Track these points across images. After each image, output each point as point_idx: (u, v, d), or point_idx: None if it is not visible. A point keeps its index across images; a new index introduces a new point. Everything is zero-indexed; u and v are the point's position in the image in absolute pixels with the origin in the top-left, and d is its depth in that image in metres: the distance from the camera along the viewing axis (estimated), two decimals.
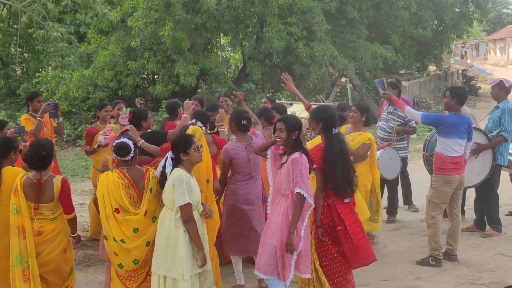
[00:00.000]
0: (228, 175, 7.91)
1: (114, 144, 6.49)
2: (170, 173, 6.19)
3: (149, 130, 8.26)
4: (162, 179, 6.28)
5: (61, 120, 10.20)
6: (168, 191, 6.14)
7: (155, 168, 6.58)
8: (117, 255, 6.32)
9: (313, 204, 6.42)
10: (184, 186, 6.06)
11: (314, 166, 6.64)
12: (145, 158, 7.59)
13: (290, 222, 6.28)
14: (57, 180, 6.51)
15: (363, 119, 8.84)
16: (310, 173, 6.55)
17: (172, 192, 6.09)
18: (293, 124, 6.52)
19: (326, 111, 6.88)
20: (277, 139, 6.53)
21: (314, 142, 8.24)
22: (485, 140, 9.67)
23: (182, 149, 6.27)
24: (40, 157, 6.51)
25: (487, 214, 10.20)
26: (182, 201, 6.02)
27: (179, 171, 6.18)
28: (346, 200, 6.74)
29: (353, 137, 8.73)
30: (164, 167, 6.27)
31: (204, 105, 10.51)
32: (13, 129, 8.77)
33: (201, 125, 7.85)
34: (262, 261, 6.48)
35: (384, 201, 10.27)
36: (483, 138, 9.67)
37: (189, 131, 7.21)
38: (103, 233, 6.47)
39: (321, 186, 6.69)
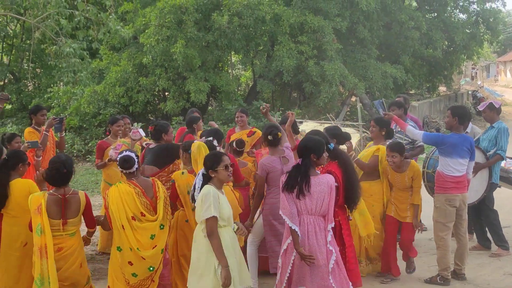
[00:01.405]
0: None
1: (118, 158, 6.61)
2: (200, 189, 6.30)
3: None
4: (193, 195, 6.45)
5: (63, 134, 10.27)
6: (198, 206, 6.25)
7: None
8: (132, 264, 6.42)
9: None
10: (210, 200, 6.14)
11: (336, 184, 6.66)
12: (152, 169, 7.73)
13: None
14: (81, 195, 6.62)
15: (383, 132, 8.89)
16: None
17: (200, 207, 6.20)
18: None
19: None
20: None
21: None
22: (484, 159, 9.71)
23: (210, 166, 6.38)
24: (60, 175, 6.58)
25: (492, 233, 10.23)
26: (207, 214, 6.10)
27: (208, 187, 6.28)
28: (349, 218, 6.84)
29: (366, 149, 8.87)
30: (195, 184, 6.45)
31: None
32: (26, 144, 8.89)
33: (216, 143, 7.95)
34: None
35: None
36: (482, 156, 9.71)
37: (193, 146, 7.34)
38: (116, 244, 6.52)
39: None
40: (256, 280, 7.96)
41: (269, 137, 7.94)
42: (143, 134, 9.51)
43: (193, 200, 6.42)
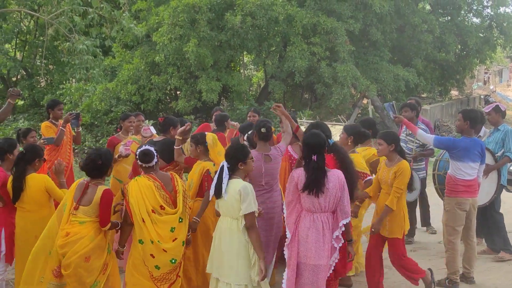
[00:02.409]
0: None
1: (138, 151, 6.63)
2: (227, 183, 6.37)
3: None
4: (218, 189, 6.42)
5: (80, 129, 10.30)
6: (234, 202, 6.32)
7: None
8: (154, 257, 6.46)
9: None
10: (250, 195, 6.29)
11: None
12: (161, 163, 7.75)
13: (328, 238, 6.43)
14: (99, 190, 6.58)
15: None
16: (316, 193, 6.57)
17: (238, 203, 6.27)
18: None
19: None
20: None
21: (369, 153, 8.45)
22: (492, 160, 9.68)
23: (241, 158, 6.51)
24: (95, 166, 6.63)
25: (496, 236, 10.20)
26: (249, 209, 6.26)
27: (241, 182, 6.41)
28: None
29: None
30: (219, 177, 6.45)
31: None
32: (42, 141, 8.97)
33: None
34: (308, 283, 6.43)
35: None
36: (490, 157, 9.68)
37: (209, 139, 7.44)
38: (138, 238, 6.54)
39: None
40: None
41: (262, 130, 7.68)
42: (154, 131, 9.54)
43: (219, 193, 6.41)
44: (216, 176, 6.51)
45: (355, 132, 8.52)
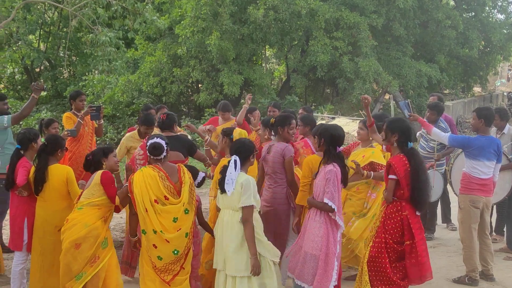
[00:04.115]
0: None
1: (148, 144, 6.68)
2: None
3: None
4: (222, 183, 6.48)
5: (102, 122, 10.35)
6: (236, 194, 6.37)
7: None
8: (156, 247, 6.48)
9: (338, 219, 6.50)
10: (251, 189, 6.36)
11: (393, 176, 6.63)
12: (178, 156, 7.78)
13: (330, 230, 6.46)
14: (98, 173, 6.82)
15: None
16: (344, 186, 6.70)
17: (239, 195, 6.35)
18: (329, 135, 6.67)
19: (402, 123, 6.88)
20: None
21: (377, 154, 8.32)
22: (506, 160, 9.59)
23: (249, 154, 6.66)
24: (87, 162, 7.06)
25: (510, 233, 10.15)
26: (247, 203, 6.31)
27: (244, 175, 6.48)
28: (418, 213, 6.75)
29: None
30: (225, 172, 6.48)
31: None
32: (66, 132, 9.04)
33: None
34: (298, 267, 6.63)
35: None
36: (504, 158, 9.60)
37: (235, 133, 7.48)
38: (141, 228, 6.59)
39: (391, 196, 6.75)
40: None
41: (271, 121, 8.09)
42: None
43: (222, 187, 6.46)
44: (225, 170, 6.53)
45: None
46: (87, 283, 6.63)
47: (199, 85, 26.60)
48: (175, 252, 6.49)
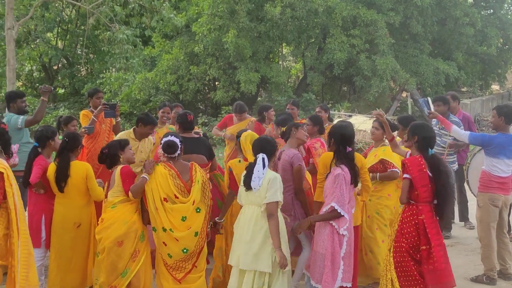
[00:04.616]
0: None
1: (162, 142, 6.71)
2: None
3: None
4: (248, 179, 6.44)
5: (119, 119, 10.36)
6: (262, 190, 6.37)
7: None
8: (165, 245, 6.53)
9: (346, 216, 6.46)
10: (278, 185, 6.37)
11: (407, 176, 6.58)
12: (203, 159, 7.75)
13: (335, 229, 6.49)
14: (118, 168, 6.80)
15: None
16: (355, 185, 6.69)
17: (265, 191, 6.34)
18: (339, 135, 6.66)
19: (426, 130, 6.78)
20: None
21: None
22: None
23: (274, 150, 6.70)
24: (102, 156, 6.97)
25: None
26: (273, 198, 6.31)
27: (272, 172, 6.51)
28: (437, 218, 6.65)
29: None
30: (251, 169, 6.47)
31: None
32: (83, 130, 9.08)
33: None
34: (310, 265, 6.66)
35: None
36: None
37: (242, 136, 7.46)
38: (152, 225, 6.62)
39: (406, 197, 6.64)
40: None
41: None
42: None
43: (247, 184, 6.42)
44: (254, 168, 6.46)
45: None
46: (132, 279, 6.68)
47: (216, 83, 26.64)
48: (184, 250, 6.53)
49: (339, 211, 6.40)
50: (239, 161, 7.46)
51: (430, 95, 25.33)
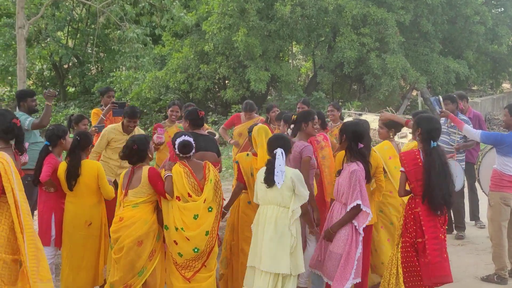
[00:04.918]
0: None
1: (177, 142, 6.68)
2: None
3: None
4: (271, 175, 6.38)
5: None
6: (285, 190, 6.34)
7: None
8: (176, 244, 6.49)
9: (371, 214, 6.45)
10: (302, 179, 6.42)
11: (402, 169, 6.60)
12: (214, 157, 7.75)
13: (354, 230, 6.46)
14: (145, 168, 6.69)
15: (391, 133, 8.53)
16: (368, 182, 6.67)
17: (289, 190, 6.33)
18: (351, 131, 6.64)
19: (429, 122, 6.77)
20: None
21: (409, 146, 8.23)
22: None
23: (290, 146, 6.68)
24: (132, 151, 6.74)
25: None
26: (306, 194, 6.39)
27: (291, 168, 6.50)
28: (434, 212, 6.61)
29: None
30: (273, 165, 6.40)
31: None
32: (94, 128, 9.11)
33: None
34: (332, 269, 6.57)
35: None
36: None
37: (254, 130, 7.43)
38: (164, 223, 6.62)
39: (405, 190, 6.70)
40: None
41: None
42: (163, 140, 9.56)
43: (270, 180, 6.36)
44: (274, 164, 6.40)
45: (393, 123, 8.44)
46: (147, 278, 6.68)
47: (226, 82, 26.66)
48: (195, 250, 6.49)
49: (364, 209, 6.40)
50: (247, 154, 7.46)
51: (440, 93, 25.26)
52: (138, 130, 9.25)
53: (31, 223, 5.97)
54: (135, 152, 6.74)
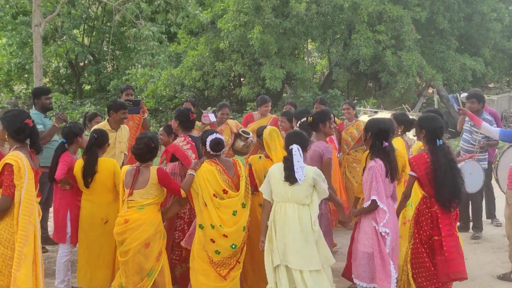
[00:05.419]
0: None
1: (208, 139, 6.67)
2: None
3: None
4: (291, 174, 6.35)
5: (146, 116, 10.40)
6: (307, 187, 6.37)
7: None
8: (214, 242, 6.51)
9: (386, 210, 6.43)
10: (324, 178, 6.44)
11: (412, 173, 6.59)
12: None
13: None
14: (153, 169, 6.68)
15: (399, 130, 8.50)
16: (392, 180, 6.61)
17: (311, 188, 6.37)
18: (376, 129, 6.62)
19: (432, 122, 6.76)
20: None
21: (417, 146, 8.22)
22: None
23: (307, 144, 6.75)
24: (149, 149, 6.70)
25: None
26: (326, 193, 6.43)
27: (310, 166, 6.53)
28: (448, 208, 6.62)
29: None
30: (292, 162, 6.37)
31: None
32: None
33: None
34: (360, 269, 6.57)
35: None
36: None
37: (265, 132, 7.42)
38: (197, 222, 6.63)
39: (409, 191, 6.75)
40: None
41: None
42: (213, 119, 9.57)
43: (292, 177, 6.34)
44: (292, 161, 6.38)
45: (404, 120, 8.43)
46: (156, 278, 6.67)
47: (241, 79, 26.69)
48: (233, 246, 6.54)
49: (378, 203, 6.39)
50: (260, 157, 7.47)
51: (456, 91, 25.15)
52: (125, 127, 9.24)
53: (28, 226, 5.95)
54: (150, 150, 6.72)
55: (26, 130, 6.10)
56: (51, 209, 9.11)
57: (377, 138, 6.59)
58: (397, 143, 7.87)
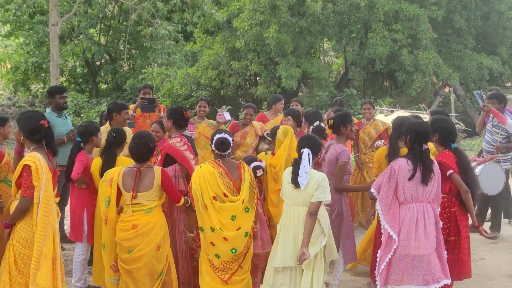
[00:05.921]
0: None
1: (215, 138, 6.60)
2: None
3: None
4: (295, 177, 6.32)
5: (162, 114, 10.40)
6: (311, 190, 6.30)
7: None
8: (214, 245, 6.40)
9: (378, 208, 6.36)
10: (327, 186, 6.33)
11: (451, 171, 6.53)
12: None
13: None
14: (157, 169, 6.56)
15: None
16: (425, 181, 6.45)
17: (313, 190, 6.28)
18: (414, 132, 6.48)
19: (445, 124, 6.73)
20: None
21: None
22: None
23: (319, 149, 6.67)
24: (148, 149, 6.55)
25: None
26: (322, 198, 6.28)
27: (319, 172, 6.45)
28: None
29: None
30: (299, 165, 6.34)
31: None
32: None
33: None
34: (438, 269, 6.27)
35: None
36: None
37: (279, 132, 7.40)
38: (199, 225, 6.52)
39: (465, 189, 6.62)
40: None
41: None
42: (228, 117, 9.58)
43: (296, 182, 6.30)
44: (299, 164, 6.33)
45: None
46: (164, 277, 6.63)
47: (257, 78, 26.68)
48: (233, 250, 6.39)
49: (374, 194, 6.31)
50: (266, 153, 7.49)
51: (473, 90, 25.01)
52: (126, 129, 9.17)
53: (46, 226, 5.96)
54: (149, 150, 6.58)
55: (41, 131, 6.09)
56: (67, 208, 9.16)
57: (416, 141, 6.39)
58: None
